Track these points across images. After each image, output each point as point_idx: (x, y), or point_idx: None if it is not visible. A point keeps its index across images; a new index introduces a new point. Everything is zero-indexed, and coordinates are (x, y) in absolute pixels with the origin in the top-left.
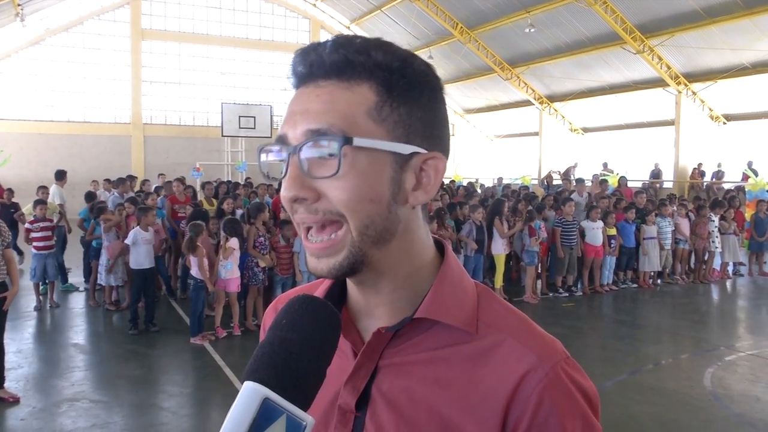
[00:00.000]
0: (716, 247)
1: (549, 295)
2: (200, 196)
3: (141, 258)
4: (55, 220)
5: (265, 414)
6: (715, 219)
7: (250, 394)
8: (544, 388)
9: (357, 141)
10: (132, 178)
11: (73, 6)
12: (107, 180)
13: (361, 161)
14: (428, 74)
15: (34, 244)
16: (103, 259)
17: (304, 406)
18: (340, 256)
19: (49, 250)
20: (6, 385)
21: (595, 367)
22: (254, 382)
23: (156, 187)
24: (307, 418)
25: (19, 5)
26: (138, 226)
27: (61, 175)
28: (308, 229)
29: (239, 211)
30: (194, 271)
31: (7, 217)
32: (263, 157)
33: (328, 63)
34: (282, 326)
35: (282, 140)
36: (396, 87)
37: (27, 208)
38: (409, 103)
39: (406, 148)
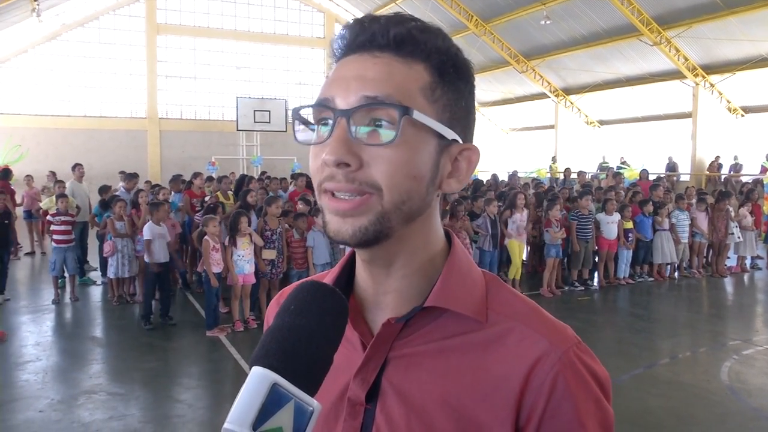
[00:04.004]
0: (738, 238)
1: (564, 289)
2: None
3: (156, 252)
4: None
5: (273, 399)
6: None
7: (259, 379)
8: (557, 373)
9: (416, 115)
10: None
11: (89, 1)
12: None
13: (411, 136)
14: (470, 68)
15: (54, 237)
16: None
17: (312, 392)
18: (366, 218)
19: (69, 244)
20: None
21: (610, 360)
22: (263, 367)
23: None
24: (314, 404)
25: (35, 1)
26: (150, 221)
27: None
28: (333, 192)
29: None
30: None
31: None
32: (302, 134)
33: (392, 35)
34: (291, 312)
35: (326, 103)
36: (447, 73)
37: (45, 203)
38: (455, 90)
39: (450, 133)
